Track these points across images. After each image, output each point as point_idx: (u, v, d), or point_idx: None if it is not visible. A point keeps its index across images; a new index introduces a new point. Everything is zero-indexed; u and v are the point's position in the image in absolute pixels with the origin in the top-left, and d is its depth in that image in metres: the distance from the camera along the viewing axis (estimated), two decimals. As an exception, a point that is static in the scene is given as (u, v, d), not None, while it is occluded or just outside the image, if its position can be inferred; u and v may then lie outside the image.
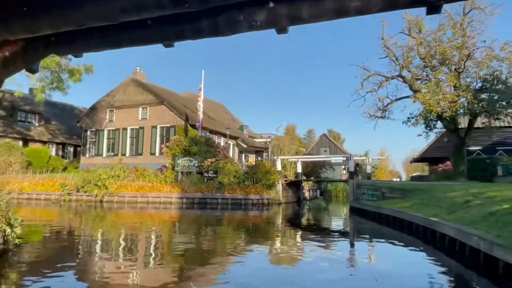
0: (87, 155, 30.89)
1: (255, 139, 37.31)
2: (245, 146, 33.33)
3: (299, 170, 22.29)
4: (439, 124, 19.94)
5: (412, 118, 18.74)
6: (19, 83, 19.80)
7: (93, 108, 31.15)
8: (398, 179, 60.91)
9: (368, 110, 20.32)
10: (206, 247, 8.64)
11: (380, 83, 21.65)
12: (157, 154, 27.75)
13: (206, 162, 20.73)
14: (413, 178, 50.28)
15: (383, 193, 15.15)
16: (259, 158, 37.04)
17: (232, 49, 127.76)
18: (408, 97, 20.16)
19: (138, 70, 31.66)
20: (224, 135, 29.05)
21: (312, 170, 27.04)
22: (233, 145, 32.48)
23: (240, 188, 19.01)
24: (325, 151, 48.42)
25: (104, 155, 30.09)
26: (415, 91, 19.96)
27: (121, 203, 18.69)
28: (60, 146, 33.93)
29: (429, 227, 8.77)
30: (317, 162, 27.09)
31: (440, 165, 22.50)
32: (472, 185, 12.81)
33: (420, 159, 28.31)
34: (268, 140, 37.04)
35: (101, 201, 18.84)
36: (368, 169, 23.92)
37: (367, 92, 21.88)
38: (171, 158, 21.74)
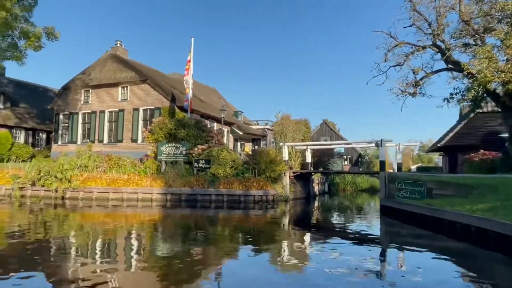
0: (60, 142, 26.75)
1: (251, 126, 33.50)
2: (241, 133, 29.48)
3: (308, 159, 18.57)
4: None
5: (457, 94, 15.03)
6: None
7: (66, 88, 26.88)
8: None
9: (399, 85, 16.52)
10: (195, 256, 6.76)
11: (406, 55, 17.89)
12: (139, 141, 23.77)
13: (196, 149, 16.89)
14: (419, 170, 47.12)
15: (428, 189, 11.52)
16: (256, 147, 33.27)
17: (223, 31, 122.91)
18: (447, 69, 16.44)
19: (118, 45, 27.34)
20: (218, 120, 25.10)
21: (319, 161, 23.39)
22: (228, 131, 28.60)
23: (239, 182, 15.25)
24: (326, 140, 44.83)
25: (78, 142, 25.95)
26: (453, 63, 16.27)
27: (88, 200, 14.81)
28: (30, 132, 29.62)
29: None
30: (324, 151, 23.42)
31: (472, 154, 18.95)
32: None
33: (442, 148, 24.79)
34: (266, 127, 33.24)
35: (63, 198, 14.93)
36: (398, 158, 20.20)
37: (390, 66, 18.13)
38: (153, 145, 17.86)
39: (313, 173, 19.12)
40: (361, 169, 42.81)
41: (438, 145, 23.12)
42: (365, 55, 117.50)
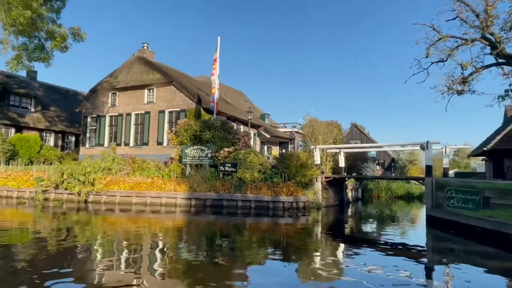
0: (87, 145, 26.85)
1: (278, 129, 32.43)
2: (268, 136, 28.49)
3: (342, 164, 17.27)
4: None
5: (512, 90, 13.35)
6: None
7: (94, 91, 26.99)
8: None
9: (445, 82, 14.94)
10: (220, 264, 6.28)
11: (451, 50, 16.28)
12: (165, 143, 23.35)
13: (222, 152, 16.05)
14: (459, 176, 44.13)
15: (485, 198, 10.02)
16: (283, 151, 32.16)
17: (250, 36, 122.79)
18: (498, 64, 14.75)
19: (145, 47, 27.26)
20: (244, 123, 24.23)
21: (351, 165, 21.97)
22: (254, 134, 27.71)
23: (267, 187, 14.24)
24: (356, 143, 42.93)
25: (105, 144, 25.89)
26: (505, 57, 14.57)
27: (111, 204, 14.27)
28: (60, 135, 30.00)
29: None
30: (357, 155, 21.97)
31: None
32: None
33: (487, 152, 22.67)
34: (294, 130, 32.06)
35: (85, 201, 14.47)
36: (445, 162, 18.42)
37: (432, 63, 16.56)
38: (178, 147, 17.20)
39: (347, 178, 17.79)
40: (393, 174, 40.63)
41: (485, 148, 21.08)
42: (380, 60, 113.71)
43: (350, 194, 18.84)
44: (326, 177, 16.07)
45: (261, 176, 14.98)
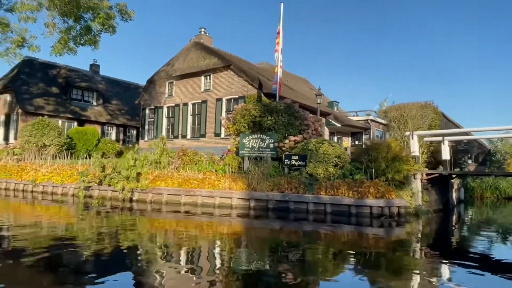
0: (146, 138, 25.72)
1: (351, 118, 28.35)
2: (338, 125, 24.69)
3: (446, 156, 13.04)
4: None
5: None
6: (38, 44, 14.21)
7: (151, 81, 25.72)
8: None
9: None
10: (285, 280, 4.86)
11: None
12: (222, 135, 21.04)
13: (287, 141, 12.97)
14: None
15: None
16: (356, 142, 28.05)
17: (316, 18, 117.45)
18: None
19: (202, 33, 25.20)
20: (311, 110, 20.82)
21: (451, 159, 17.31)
22: (322, 124, 24.17)
23: (348, 186, 10.82)
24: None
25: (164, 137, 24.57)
26: None
27: (157, 204, 12.08)
28: (121, 128, 29.61)
29: None
30: (455, 146, 17.32)
31: None
32: None
33: None
34: (369, 118, 27.69)
35: (130, 200, 12.50)
36: None
37: None
38: (234, 137, 14.57)
39: (454, 175, 13.49)
40: (487, 170, 33.78)
41: None
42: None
43: (454, 195, 14.51)
44: (427, 174, 12.07)
45: (338, 172, 11.59)
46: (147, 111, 25.94)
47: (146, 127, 25.98)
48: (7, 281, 4.46)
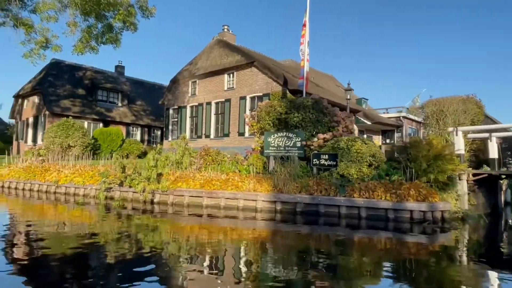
0: (170, 138, 25.46)
1: (381, 115, 26.90)
2: (368, 122, 23.42)
3: (494, 154, 11.68)
4: None
5: None
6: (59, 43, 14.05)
7: (175, 81, 25.44)
8: None
9: None
10: None
11: None
12: (246, 134, 20.36)
13: (315, 139, 12.06)
14: None
15: None
16: (387, 141, 26.58)
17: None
18: None
19: (225, 30, 24.66)
20: (340, 108, 19.71)
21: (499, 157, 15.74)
22: (353, 120, 22.97)
23: (384, 188, 9.79)
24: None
25: (187, 137, 24.21)
26: None
27: (179, 206, 11.51)
28: (146, 129, 29.61)
29: None
30: (505, 144, 15.76)
31: None
32: None
33: None
34: (401, 115, 26.14)
35: (151, 202, 12.01)
36: None
37: None
38: (258, 136, 13.80)
39: (504, 176, 12.09)
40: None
41: None
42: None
43: (502, 198, 13.08)
44: (474, 174, 10.80)
45: (372, 172, 10.57)
46: (170, 111, 25.69)
47: (170, 127, 25.74)
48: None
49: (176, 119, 25.29)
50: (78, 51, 14.26)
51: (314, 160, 11.33)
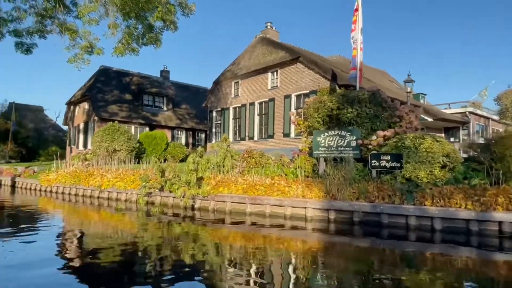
0: (213, 141, 24.93)
1: (443, 111, 24.19)
2: (429, 119, 21.02)
3: None
4: None
5: None
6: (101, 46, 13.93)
7: (217, 83, 24.93)
8: None
9: None
10: None
11: None
12: (292, 135, 19.13)
13: (374, 137, 10.49)
14: None
15: None
16: (452, 139, 23.81)
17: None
18: None
19: (268, 27, 23.69)
20: (400, 103, 17.71)
21: None
22: (418, 115, 20.76)
23: (464, 194, 8.03)
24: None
25: (231, 140, 23.52)
26: None
27: (220, 213, 10.56)
28: (190, 132, 29.46)
29: None
30: None
31: None
32: None
33: None
34: (467, 110, 23.27)
35: (192, 208, 11.20)
36: None
37: None
38: (306, 136, 12.50)
39: None
40: None
41: None
42: None
43: None
44: None
45: (446, 175, 8.80)
46: (214, 113, 25.20)
47: (214, 130, 25.24)
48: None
49: (219, 122, 24.72)
50: (118, 53, 14.00)
51: (373, 161, 9.78)
